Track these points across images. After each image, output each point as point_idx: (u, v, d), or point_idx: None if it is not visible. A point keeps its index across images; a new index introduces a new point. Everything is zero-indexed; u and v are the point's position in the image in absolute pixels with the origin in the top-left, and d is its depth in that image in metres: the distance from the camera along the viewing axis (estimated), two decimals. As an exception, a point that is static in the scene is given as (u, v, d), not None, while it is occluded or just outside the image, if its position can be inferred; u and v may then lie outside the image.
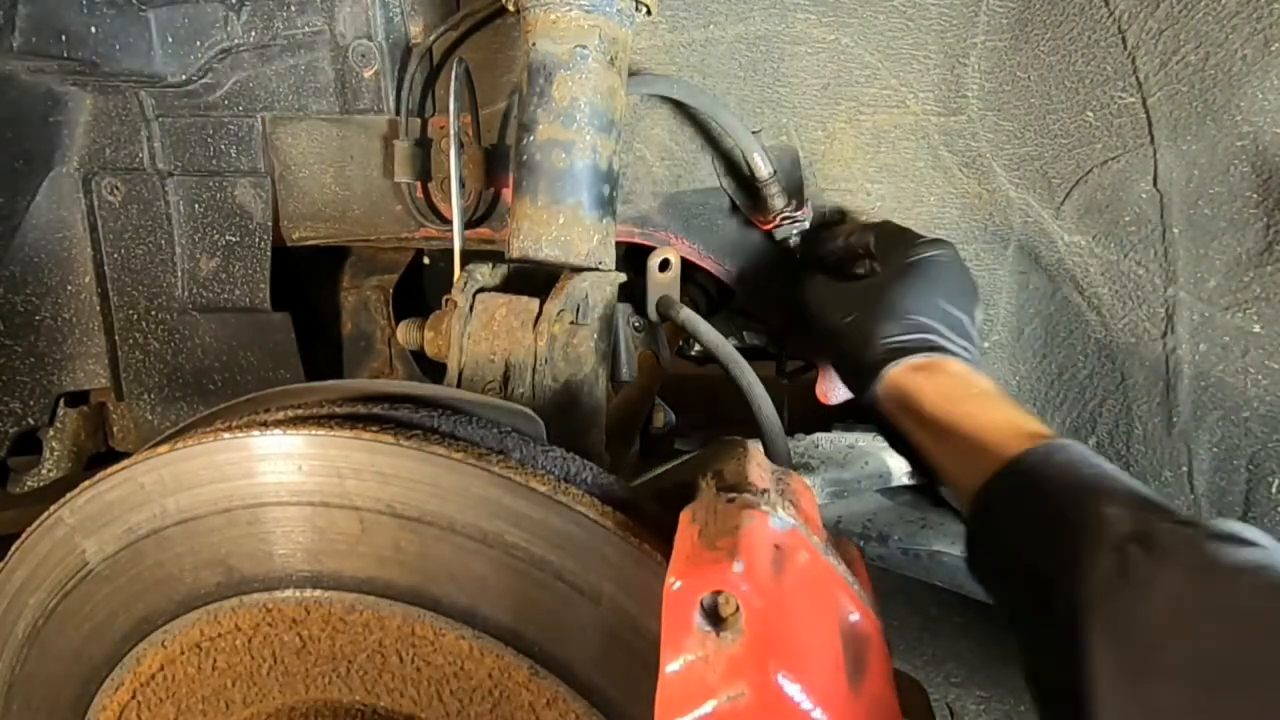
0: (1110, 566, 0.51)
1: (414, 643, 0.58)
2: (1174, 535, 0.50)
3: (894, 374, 0.78)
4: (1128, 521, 0.53)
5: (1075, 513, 0.57)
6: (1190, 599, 0.47)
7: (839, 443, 1.31)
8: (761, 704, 0.42)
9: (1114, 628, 0.49)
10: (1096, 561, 0.52)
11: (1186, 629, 0.46)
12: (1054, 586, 0.55)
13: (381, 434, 0.56)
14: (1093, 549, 0.53)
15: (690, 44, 1.00)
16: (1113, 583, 0.51)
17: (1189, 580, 0.47)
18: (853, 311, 0.85)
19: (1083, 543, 0.54)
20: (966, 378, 0.77)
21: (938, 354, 0.78)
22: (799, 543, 0.49)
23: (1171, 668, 0.45)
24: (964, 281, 0.86)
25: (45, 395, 1.16)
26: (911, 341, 0.79)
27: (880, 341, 0.80)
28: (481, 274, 0.79)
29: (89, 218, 1.13)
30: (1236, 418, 0.95)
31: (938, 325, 0.80)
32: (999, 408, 0.73)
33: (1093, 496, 0.57)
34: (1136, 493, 0.58)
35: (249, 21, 1.04)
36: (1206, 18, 0.85)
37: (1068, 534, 0.56)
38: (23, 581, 0.64)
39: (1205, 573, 0.47)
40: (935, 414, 0.74)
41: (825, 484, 1.25)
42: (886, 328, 0.80)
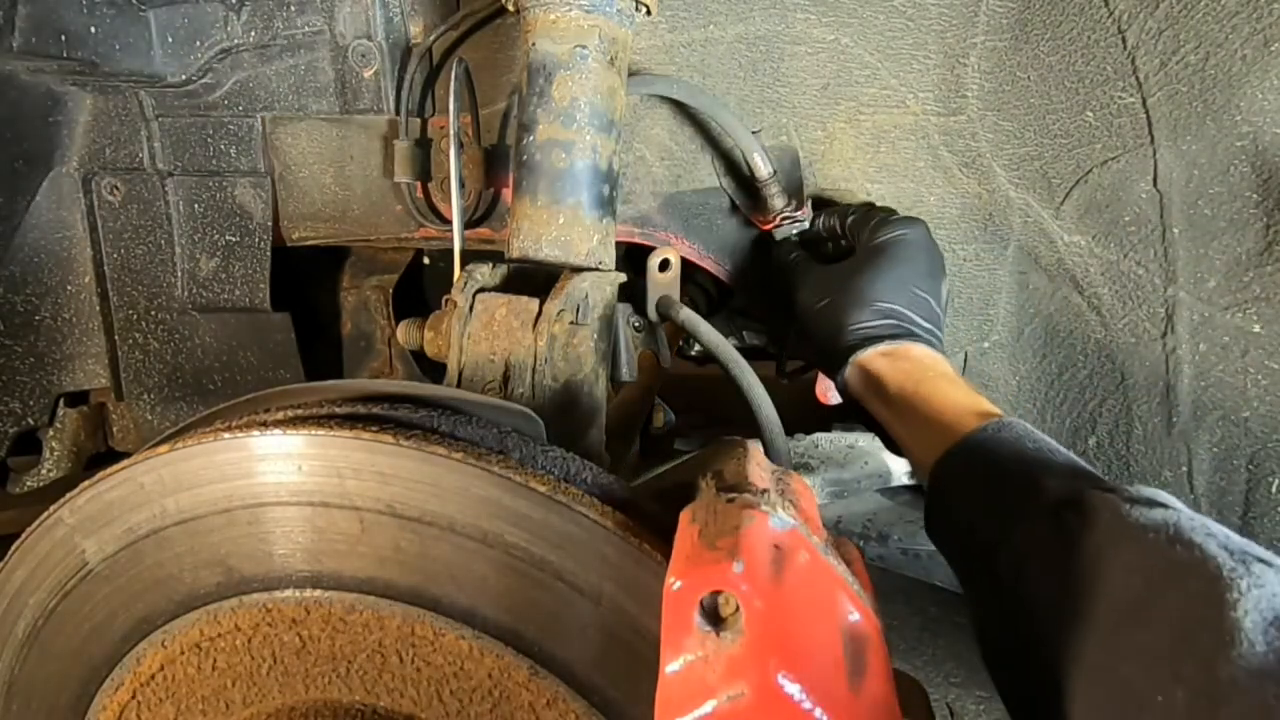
0: (1046, 529, 0.58)
1: (414, 643, 0.58)
2: (1099, 500, 0.55)
3: (861, 359, 0.84)
4: (1061, 490, 0.59)
5: (1017, 483, 0.63)
6: (1108, 554, 0.52)
7: (839, 443, 1.31)
8: (761, 704, 0.42)
9: (1048, 582, 0.55)
10: (1035, 525, 0.59)
11: (1102, 578, 0.52)
12: (998, 548, 0.61)
13: (381, 434, 0.56)
14: (1031, 514, 0.59)
15: (690, 44, 1.00)
16: (1047, 542, 0.57)
17: (1108, 539, 0.53)
18: (825, 297, 0.90)
19: (1023, 509, 0.60)
20: (927, 362, 0.82)
21: (903, 340, 0.84)
22: (799, 543, 0.49)
23: (1092, 614, 0.51)
24: (931, 260, 0.91)
25: (45, 395, 1.16)
26: (879, 328, 0.85)
27: (850, 329, 0.86)
28: (481, 274, 0.79)
29: (89, 218, 1.13)
30: (1236, 418, 0.95)
31: (904, 310, 0.86)
32: (954, 390, 0.78)
33: (1033, 469, 0.63)
34: (1072, 464, 0.64)
35: (249, 21, 1.04)
36: (1206, 18, 0.85)
37: (1010, 502, 0.62)
38: (23, 581, 0.64)
39: (1120, 531, 0.53)
40: (898, 396, 0.80)
41: (825, 484, 1.26)
42: (855, 315, 0.86)
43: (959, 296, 1.04)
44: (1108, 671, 0.49)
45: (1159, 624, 0.47)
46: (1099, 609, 0.51)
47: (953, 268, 1.03)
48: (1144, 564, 0.50)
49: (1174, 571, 0.49)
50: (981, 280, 1.03)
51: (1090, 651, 0.50)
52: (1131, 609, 0.49)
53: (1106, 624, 0.50)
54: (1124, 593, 0.50)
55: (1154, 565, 0.50)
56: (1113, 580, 0.51)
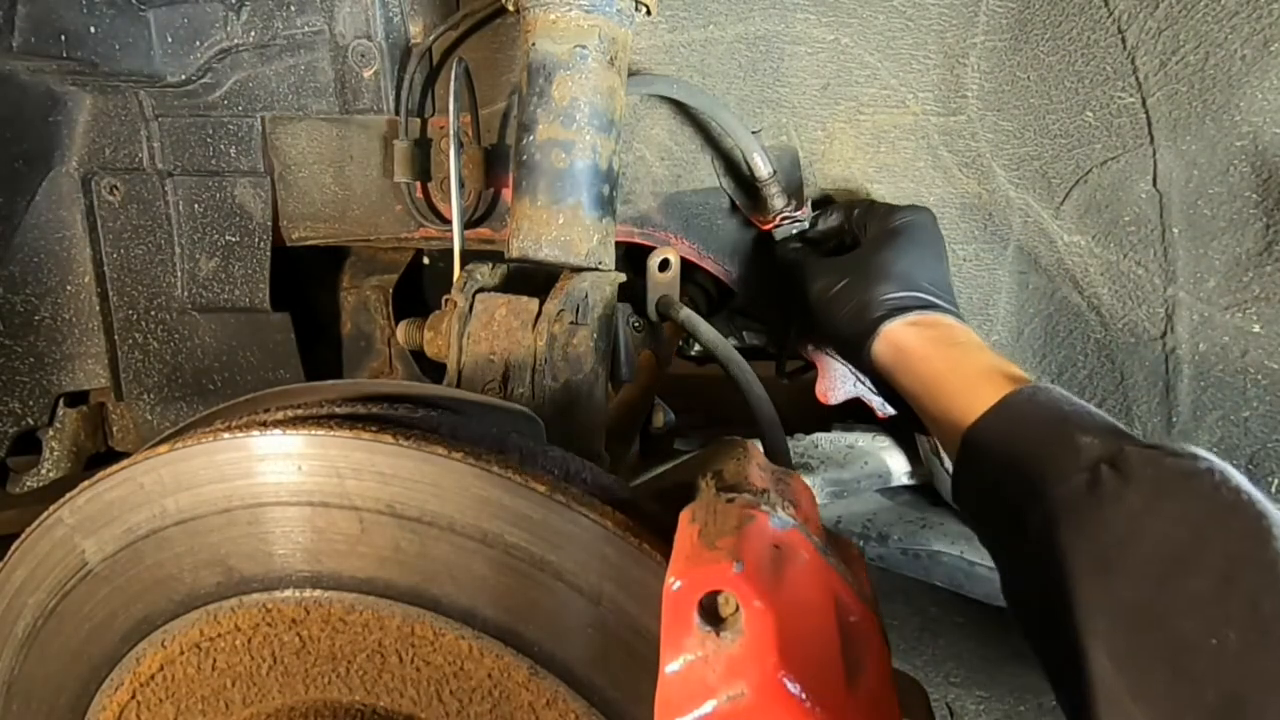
0: (1081, 484, 0.57)
1: (414, 643, 0.58)
2: (1139, 455, 0.55)
3: (892, 328, 0.83)
4: (1099, 447, 0.58)
5: (1052, 442, 0.62)
6: (1150, 506, 0.52)
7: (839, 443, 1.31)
8: (761, 704, 0.42)
9: (1084, 536, 0.55)
10: (1070, 480, 0.58)
11: (1146, 531, 0.51)
12: (1031, 506, 0.60)
13: (381, 434, 0.56)
14: (1067, 470, 0.59)
15: (690, 44, 1.00)
16: (1083, 498, 0.56)
17: (1150, 491, 0.53)
18: (841, 279, 0.89)
19: (1057, 465, 0.60)
20: (956, 330, 0.82)
21: (931, 311, 0.83)
22: (799, 543, 0.49)
23: (1133, 565, 0.51)
24: (940, 244, 0.92)
25: (45, 395, 1.16)
26: (908, 299, 0.84)
27: (880, 299, 0.85)
28: (481, 274, 0.79)
29: (89, 218, 1.13)
30: (1236, 418, 0.95)
31: (927, 284, 0.85)
32: (986, 357, 0.78)
33: (1069, 427, 0.62)
34: (1109, 423, 0.63)
35: (249, 21, 1.04)
36: (1206, 18, 0.85)
37: (1044, 460, 0.61)
38: (22, 581, 0.64)
39: (1162, 484, 0.53)
40: (927, 365, 0.79)
41: (825, 484, 1.26)
42: (884, 288, 0.85)
43: (959, 296, 1.04)
44: (1157, 623, 0.49)
45: (1207, 569, 0.47)
46: (1145, 561, 0.50)
47: (953, 268, 1.03)
48: (1191, 512, 0.50)
49: (1219, 514, 0.49)
50: (981, 280, 1.03)
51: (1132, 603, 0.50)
52: (1179, 558, 0.49)
53: (1153, 575, 0.50)
54: (1170, 543, 0.50)
55: (1201, 512, 0.50)
56: (1159, 531, 0.51)
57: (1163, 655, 0.48)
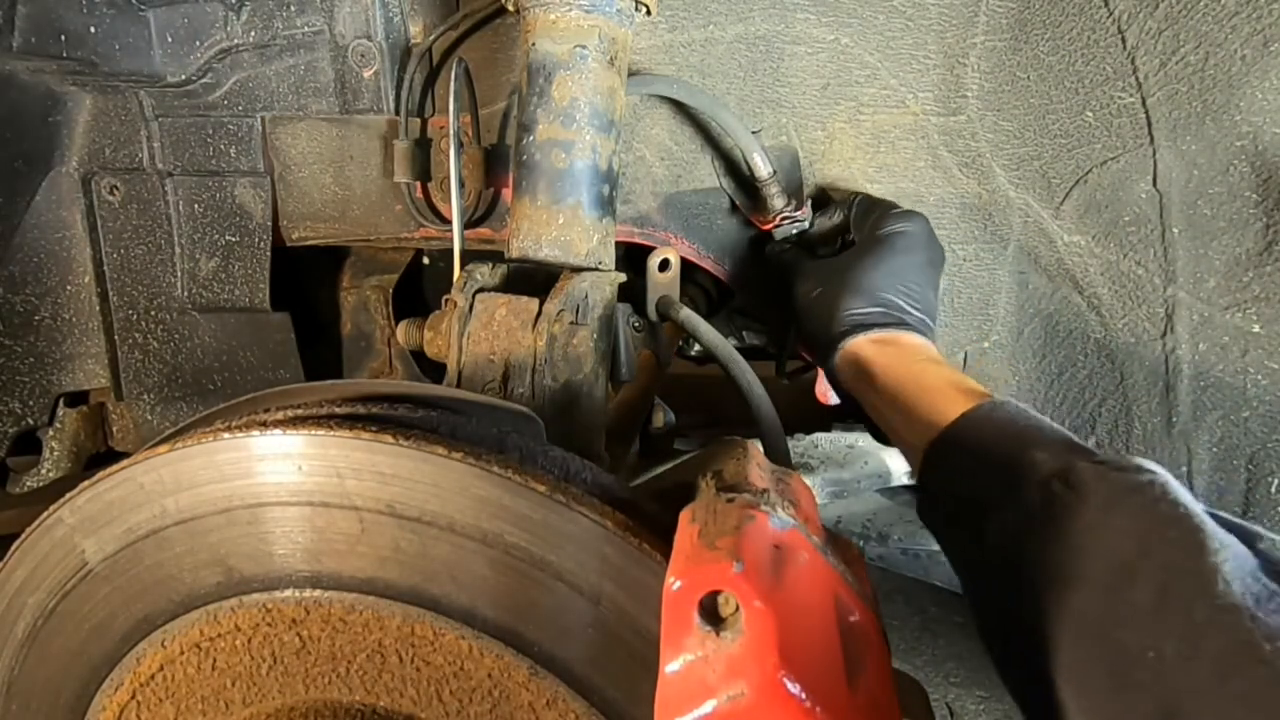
0: (1035, 500, 0.58)
1: (414, 643, 0.58)
2: (1090, 470, 0.56)
3: (852, 345, 0.84)
4: (1051, 462, 0.59)
5: (1007, 458, 0.63)
6: (1099, 521, 0.53)
7: (839, 443, 1.31)
8: (761, 703, 0.42)
9: (1038, 551, 0.55)
10: (1024, 496, 0.59)
11: (1095, 545, 0.52)
12: (987, 522, 0.61)
13: (381, 434, 0.56)
14: (1022, 486, 0.59)
15: (690, 44, 1.00)
16: (1037, 513, 0.57)
17: (1100, 505, 0.53)
18: (820, 286, 0.90)
19: (1014, 481, 0.60)
20: (917, 348, 0.83)
21: (895, 328, 0.84)
22: (799, 543, 0.49)
23: (1083, 579, 0.52)
24: (930, 253, 0.91)
25: (45, 395, 1.16)
26: (872, 315, 0.85)
27: (843, 315, 0.85)
28: (481, 274, 0.79)
29: (89, 218, 1.13)
30: (1236, 417, 0.95)
31: (898, 300, 0.85)
32: (943, 372, 0.78)
33: (1024, 443, 0.63)
34: (1063, 438, 0.64)
35: (249, 21, 1.04)
36: (1206, 18, 0.85)
37: (1002, 476, 0.62)
38: (22, 581, 0.64)
39: (1111, 498, 0.53)
40: (887, 381, 0.80)
41: (825, 484, 1.26)
42: (850, 302, 0.86)
43: (959, 296, 1.05)
44: (1101, 635, 0.49)
45: (1146, 581, 0.48)
46: (1092, 575, 0.51)
47: (953, 268, 1.03)
48: (1135, 526, 0.51)
49: (1159, 527, 0.50)
50: (981, 280, 1.03)
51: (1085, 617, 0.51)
52: (1123, 570, 0.50)
53: (1100, 588, 0.51)
54: (1117, 556, 0.51)
55: (1143, 525, 0.51)
56: (1106, 545, 0.51)
57: (1105, 667, 0.49)
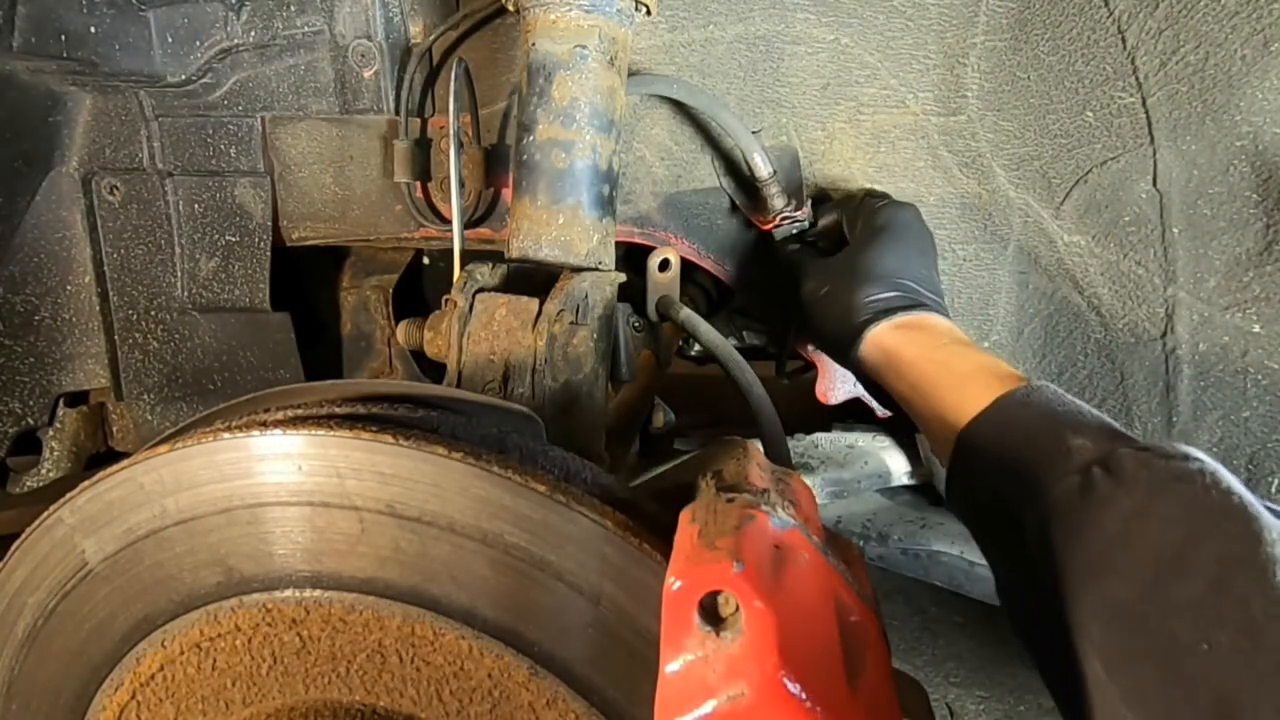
0: (1074, 486, 0.56)
1: (414, 643, 0.58)
2: (1131, 457, 0.55)
3: (877, 332, 0.82)
4: (1091, 449, 0.58)
5: (1045, 444, 0.61)
6: (1143, 508, 0.52)
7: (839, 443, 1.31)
8: (761, 704, 0.42)
9: (1078, 539, 0.54)
10: (1063, 483, 0.57)
11: (1138, 534, 0.51)
12: (1025, 510, 0.60)
13: (381, 434, 0.56)
14: (1060, 472, 0.58)
15: (690, 44, 1.00)
16: (1076, 500, 0.56)
17: (1143, 493, 0.52)
18: (827, 283, 0.89)
19: (1051, 468, 0.59)
20: (943, 329, 0.81)
21: (918, 311, 0.82)
22: (799, 543, 0.49)
23: (1125, 568, 0.51)
24: (926, 239, 0.91)
25: (45, 395, 1.16)
26: (893, 300, 0.84)
27: (864, 303, 0.84)
28: (481, 274, 0.79)
29: (89, 218, 1.13)
30: (1236, 418, 0.95)
31: (912, 283, 0.85)
32: (975, 355, 0.77)
33: (1062, 429, 0.62)
34: (1103, 424, 0.62)
35: (249, 21, 1.04)
36: (1206, 18, 0.85)
37: (1038, 462, 0.61)
38: (22, 581, 0.64)
39: (1154, 486, 0.52)
40: (916, 367, 0.78)
41: (825, 484, 1.25)
42: (868, 290, 0.84)
43: (959, 296, 1.04)
44: (1149, 626, 0.48)
45: (1199, 571, 0.47)
46: (1137, 564, 0.50)
47: (952, 268, 1.03)
48: (1184, 515, 0.50)
49: (1211, 517, 0.49)
50: (981, 280, 1.03)
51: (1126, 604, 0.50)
52: (1171, 561, 0.49)
53: (1146, 579, 0.49)
54: (1162, 546, 0.50)
55: (1193, 514, 0.50)
56: (1151, 534, 0.50)
57: (1154, 658, 0.48)
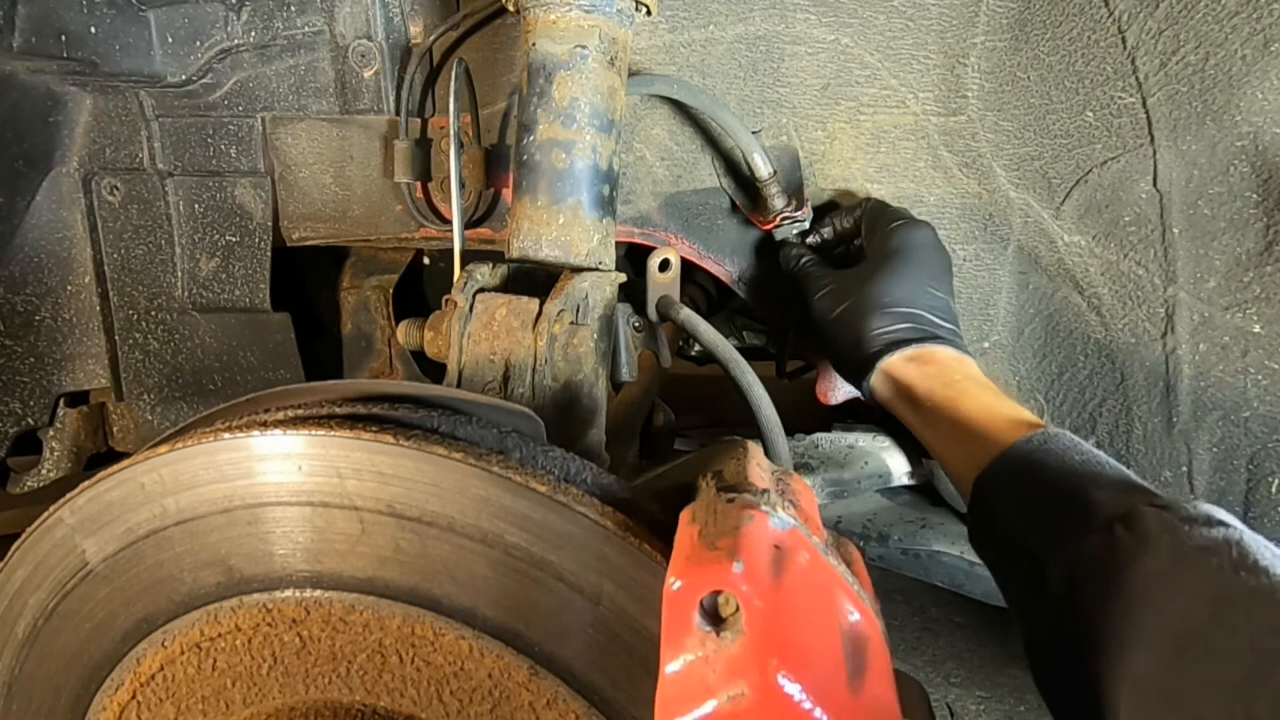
0: (1098, 544, 0.56)
1: (414, 643, 0.58)
2: (1154, 518, 0.54)
3: (887, 366, 0.82)
4: (1114, 505, 0.58)
5: (1067, 497, 0.61)
6: (1166, 576, 0.51)
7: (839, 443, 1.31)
8: (761, 704, 0.42)
9: (1101, 600, 0.54)
10: (1086, 540, 0.57)
11: (1163, 602, 0.50)
12: (1048, 563, 0.60)
13: (381, 434, 0.56)
14: (1083, 529, 0.58)
15: (690, 44, 1.00)
16: (1099, 560, 0.56)
17: (1167, 559, 0.52)
18: (842, 303, 0.88)
19: (1074, 524, 0.59)
20: (955, 365, 0.81)
21: (928, 343, 0.82)
22: (799, 543, 0.49)
23: (1151, 637, 0.50)
24: (943, 261, 0.91)
25: (45, 395, 1.16)
26: (902, 332, 0.84)
27: (872, 335, 0.84)
28: (481, 274, 0.79)
29: (89, 218, 1.13)
30: (1236, 418, 0.95)
31: (924, 313, 0.84)
32: (988, 396, 0.77)
33: (1083, 481, 0.62)
34: (1123, 477, 0.62)
35: (249, 21, 1.04)
36: (1206, 18, 0.85)
37: (1060, 516, 0.61)
38: (23, 581, 0.64)
39: (1181, 554, 0.52)
40: (929, 403, 0.78)
41: (825, 484, 1.25)
42: (877, 321, 0.84)
43: (959, 297, 1.04)
44: (1173, 701, 0.48)
45: (1229, 656, 0.46)
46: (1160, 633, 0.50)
47: (953, 268, 1.03)
48: (1209, 590, 0.49)
49: (1242, 599, 0.48)
50: (981, 280, 1.03)
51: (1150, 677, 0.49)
52: (1198, 637, 0.48)
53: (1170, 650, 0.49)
54: (1188, 619, 0.49)
55: (1220, 591, 0.49)
56: (1175, 604, 0.50)
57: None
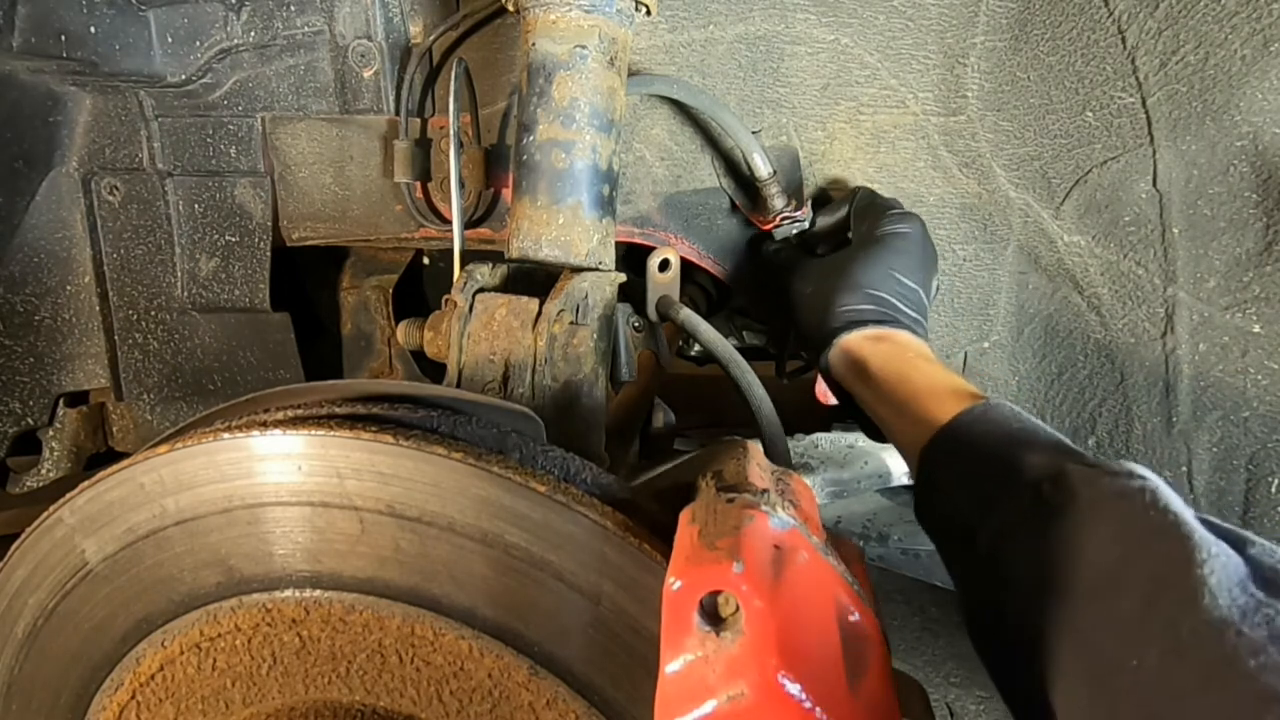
0: (1025, 503, 0.58)
1: (414, 643, 0.58)
2: (1079, 474, 0.55)
3: (846, 341, 0.84)
4: (1043, 466, 0.59)
5: (999, 461, 0.63)
6: (1085, 526, 0.53)
7: (839, 443, 1.31)
8: (761, 704, 0.42)
9: (1026, 555, 0.55)
10: (1014, 499, 0.59)
11: (1080, 551, 0.52)
12: (979, 524, 0.61)
13: (381, 434, 0.56)
14: (1012, 489, 0.59)
15: (690, 44, 1.00)
16: (1027, 516, 0.57)
17: (1086, 510, 0.53)
18: (815, 283, 0.91)
19: (1004, 486, 0.60)
20: (910, 345, 0.83)
21: (889, 325, 0.84)
22: (799, 543, 0.49)
23: (1071, 586, 0.51)
24: (924, 254, 0.92)
25: (45, 395, 1.16)
26: (866, 313, 0.85)
27: (838, 310, 0.86)
28: (481, 274, 0.79)
29: (89, 218, 1.13)
30: (1236, 418, 0.95)
31: (891, 299, 0.86)
32: (936, 372, 0.78)
33: (1017, 448, 0.63)
34: (1056, 441, 0.63)
35: (249, 21, 1.04)
36: (1206, 18, 0.85)
37: (992, 479, 0.62)
38: (22, 581, 0.64)
39: (1097, 503, 0.53)
40: (880, 378, 0.80)
41: (825, 484, 1.26)
42: (844, 298, 0.86)
43: (959, 296, 1.05)
44: (1086, 642, 0.49)
45: (1132, 590, 0.48)
46: (1078, 580, 0.51)
47: (953, 268, 1.03)
48: (1121, 532, 0.51)
49: (1147, 536, 0.50)
50: (981, 280, 1.03)
51: (1069, 623, 0.51)
52: (1108, 577, 0.50)
53: (1084, 593, 0.50)
54: (1101, 564, 0.50)
55: (1130, 532, 0.50)
56: (1092, 551, 0.51)
57: (1088, 675, 0.48)
